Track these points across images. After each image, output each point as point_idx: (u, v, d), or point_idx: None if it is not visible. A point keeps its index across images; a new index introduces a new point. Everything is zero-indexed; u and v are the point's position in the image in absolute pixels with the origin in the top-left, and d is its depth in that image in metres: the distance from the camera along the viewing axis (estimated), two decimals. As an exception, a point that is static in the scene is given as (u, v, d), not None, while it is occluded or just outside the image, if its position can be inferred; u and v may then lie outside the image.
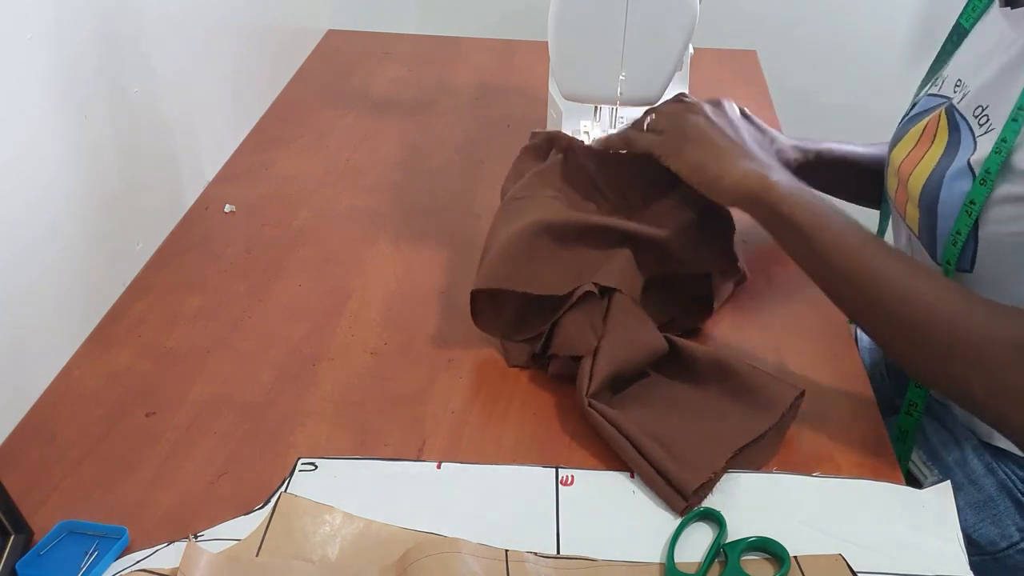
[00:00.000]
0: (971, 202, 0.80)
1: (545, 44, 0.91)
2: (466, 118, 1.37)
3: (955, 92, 0.89)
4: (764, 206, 0.79)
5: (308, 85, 1.47)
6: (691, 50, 1.10)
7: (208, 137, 1.18)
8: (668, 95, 0.94)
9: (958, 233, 0.81)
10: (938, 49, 1.01)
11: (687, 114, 0.85)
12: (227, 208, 1.12)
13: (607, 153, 0.91)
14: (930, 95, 0.94)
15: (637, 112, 1.01)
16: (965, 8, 0.95)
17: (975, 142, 0.83)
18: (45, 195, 0.84)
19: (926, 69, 1.02)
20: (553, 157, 0.91)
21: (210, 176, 1.19)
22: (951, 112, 0.88)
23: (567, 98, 0.95)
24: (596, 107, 1.00)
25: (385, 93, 1.45)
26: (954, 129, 0.87)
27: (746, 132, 0.86)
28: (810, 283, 1.01)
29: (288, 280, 1.00)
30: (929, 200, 0.85)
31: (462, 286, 0.99)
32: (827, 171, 1.02)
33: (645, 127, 0.88)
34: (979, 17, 0.95)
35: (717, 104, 0.87)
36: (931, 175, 0.86)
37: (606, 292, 0.84)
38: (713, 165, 0.81)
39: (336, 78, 1.50)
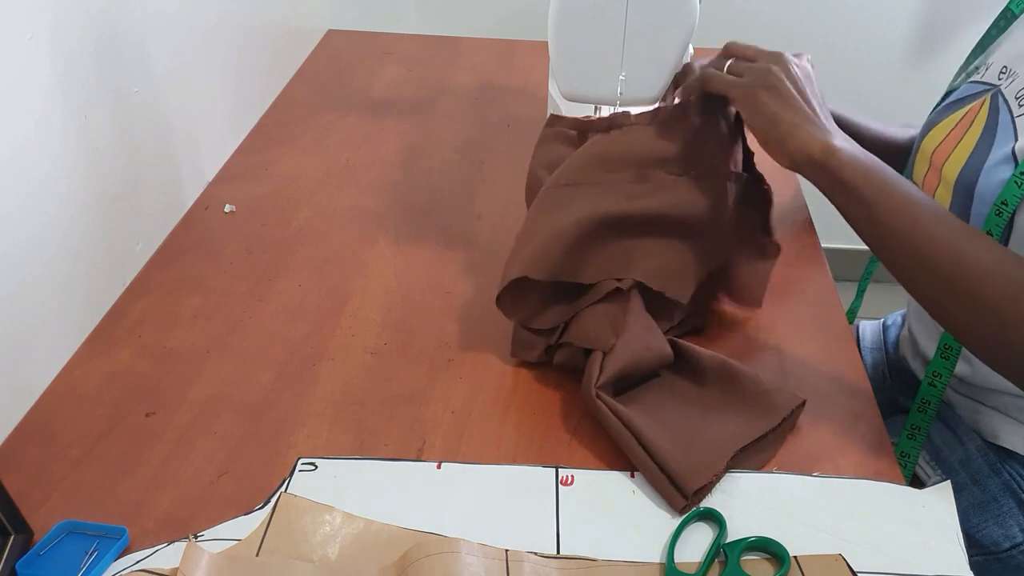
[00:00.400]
0: (1003, 203, 0.79)
1: (545, 44, 0.91)
2: (466, 118, 1.37)
3: (1000, 79, 0.88)
4: (826, 171, 0.77)
5: (308, 85, 1.47)
6: (691, 50, 1.10)
7: (208, 137, 1.18)
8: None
9: (1004, 204, 0.79)
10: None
11: (771, 63, 0.82)
12: (227, 208, 1.12)
13: (651, 120, 0.87)
14: (972, 82, 0.93)
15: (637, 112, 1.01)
16: None
17: (1014, 123, 0.82)
18: (45, 195, 0.84)
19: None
20: (595, 138, 0.88)
21: (210, 176, 1.19)
22: (995, 98, 0.86)
23: (567, 98, 0.95)
24: (596, 107, 0.99)
25: (385, 93, 1.45)
26: (993, 112, 0.85)
27: (815, 94, 0.83)
28: (810, 283, 1.01)
29: (288, 280, 1.00)
30: (966, 185, 0.84)
31: (462, 286, 0.99)
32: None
33: (725, 70, 0.85)
34: None
35: (799, 57, 0.84)
36: (969, 160, 0.85)
37: (630, 289, 0.84)
38: (784, 124, 0.79)
39: (336, 78, 1.50)
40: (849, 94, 2.09)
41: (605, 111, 1.00)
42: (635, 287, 0.84)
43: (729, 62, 0.84)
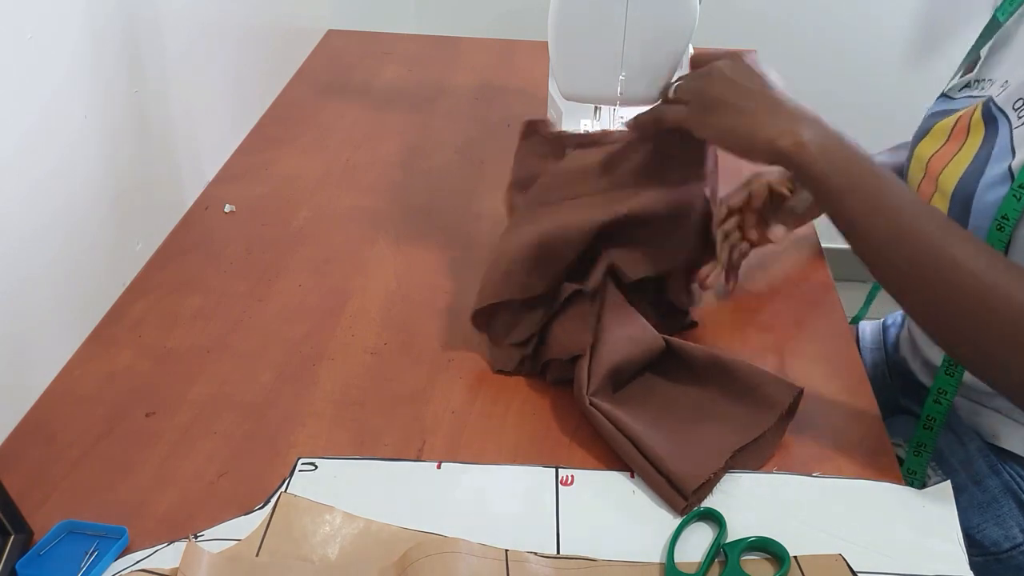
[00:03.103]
0: (1004, 217, 0.78)
1: (545, 44, 0.91)
2: (466, 118, 1.37)
3: (1001, 91, 0.87)
4: (797, 166, 0.74)
5: (308, 85, 1.47)
6: (691, 50, 1.10)
7: (208, 137, 1.18)
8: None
9: (1004, 218, 0.78)
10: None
11: (705, 79, 0.80)
12: (227, 208, 1.12)
13: (616, 142, 0.88)
14: (971, 96, 0.92)
15: (637, 112, 1.01)
16: (1003, 3, 0.93)
17: (1012, 134, 0.82)
18: (45, 194, 0.84)
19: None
20: (573, 153, 0.89)
21: (210, 176, 1.19)
22: (988, 105, 0.86)
23: (567, 98, 0.95)
24: (596, 107, 0.99)
25: (385, 93, 1.45)
26: (990, 122, 0.84)
27: (772, 80, 0.80)
28: (810, 283, 1.01)
29: (288, 280, 1.00)
30: (963, 197, 0.83)
31: (462, 286, 0.99)
32: None
33: (670, 97, 0.85)
34: (1015, 11, 0.93)
35: (734, 58, 0.81)
36: (967, 172, 0.84)
37: (597, 292, 0.84)
38: (742, 128, 0.76)
39: (336, 78, 1.50)
40: (849, 94, 2.09)
41: (605, 111, 1.01)
42: (609, 284, 0.85)
43: (675, 84, 0.84)
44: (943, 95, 0.97)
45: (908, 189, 0.75)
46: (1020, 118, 0.82)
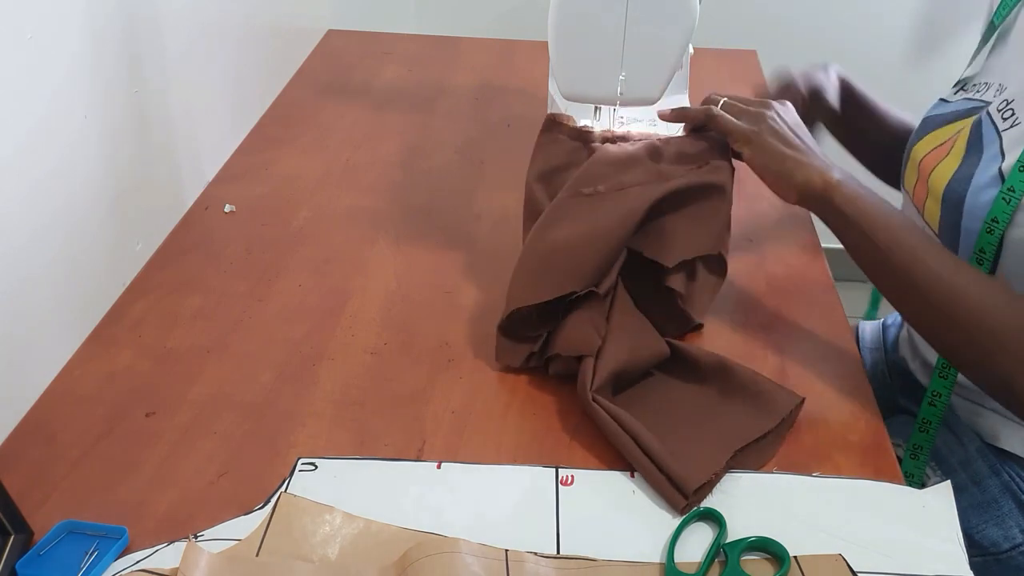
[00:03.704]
0: (994, 220, 0.81)
1: (545, 44, 0.91)
2: (466, 118, 1.37)
3: (995, 97, 0.89)
4: (829, 206, 0.83)
5: (308, 85, 1.47)
6: (691, 50, 1.10)
7: (208, 137, 1.18)
8: (668, 95, 0.94)
9: (995, 221, 0.82)
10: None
11: (764, 108, 0.88)
12: (227, 208, 1.12)
13: (642, 140, 0.91)
14: (967, 99, 0.94)
15: (637, 112, 1.01)
16: (999, 7, 0.94)
17: (1000, 138, 0.83)
18: (45, 195, 0.84)
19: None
20: (604, 146, 0.89)
21: (210, 176, 1.19)
22: (978, 121, 0.88)
23: (567, 98, 0.95)
24: (596, 107, 0.99)
25: (385, 93, 1.45)
26: (976, 126, 0.87)
27: (807, 134, 0.89)
28: (810, 283, 1.01)
29: (288, 280, 1.00)
30: (954, 199, 0.85)
31: (462, 286, 0.99)
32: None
33: (719, 108, 0.89)
34: (1007, 15, 0.93)
35: (784, 105, 0.90)
36: (956, 174, 0.86)
37: (609, 292, 0.84)
38: (789, 161, 0.84)
39: (336, 78, 1.50)
40: (849, 94, 2.09)
41: (605, 111, 1.01)
42: (619, 287, 0.85)
43: (723, 100, 0.90)
44: (941, 100, 0.98)
45: (923, 232, 0.83)
46: (1006, 119, 0.83)
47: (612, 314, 0.84)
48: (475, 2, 2.10)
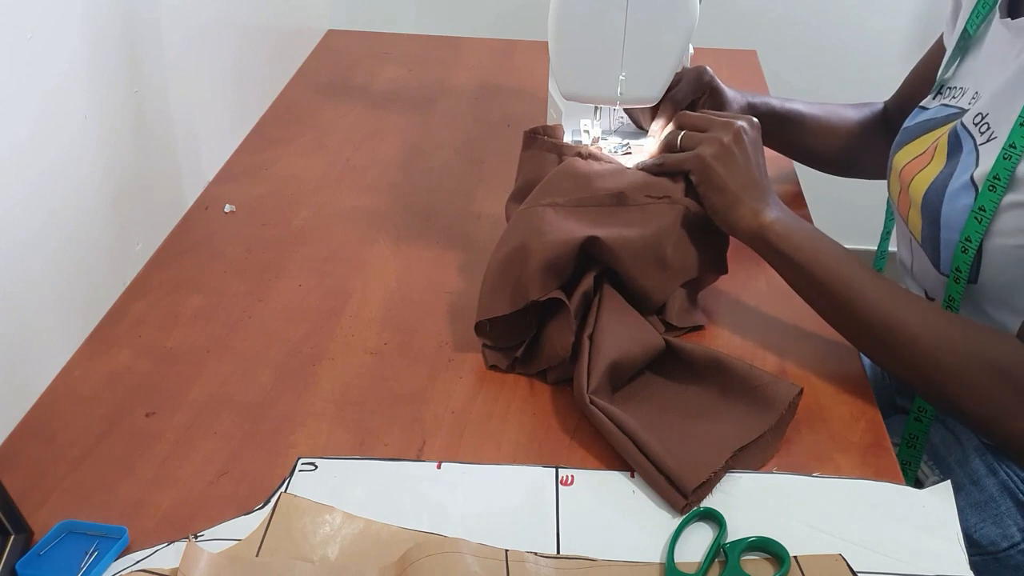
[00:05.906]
0: (981, 208, 0.81)
1: (545, 44, 0.91)
2: (466, 118, 1.37)
3: (971, 104, 0.90)
4: (764, 245, 0.85)
5: (308, 85, 1.47)
6: (691, 50, 1.10)
7: (208, 137, 1.18)
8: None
9: (968, 240, 0.82)
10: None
11: (723, 135, 0.86)
12: (227, 208, 1.12)
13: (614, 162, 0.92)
14: (944, 105, 0.94)
15: (633, 114, 1.01)
16: (971, 15, 0.94)
17: (977, 150, 0.84)
18: (45, 195, 0.84)
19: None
20: (573, 159, 0.90)
21: (210, 176, 1.19)
22: (955, 130, 0.89)
23: (567, 98, 0.95)
24: (596, 107, 1.00)
25: (385, 93, 1.45)
26: (954, 135, 0.88)
27: (759, 164, 0.88)
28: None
29: (288, 280, 1.00)
30: (931, 210, 0.87)
31: (462, 286, 0.99)
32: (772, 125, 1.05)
33: (678, 143, 0.90)
34: (981, 24, 0.94)
35: (751, 123, 0.89)
36: (933, 183, 0.87)
37: (582, 298, 0.84)
38: (727, 196, 0.85)
39: (336, 78, 1.50)
40: (849, 94, 2.09)
41: (605, 111, 1.01)
42: (607, 286, 0.85)
43: (682, 135, 0.90)
44: (920, 107, 0.99)
45: (855, 260, 0.84)
46: (982, 133, 0.84)
47: (601, 312, 0.84)
48: (475, 2, 2.10)
